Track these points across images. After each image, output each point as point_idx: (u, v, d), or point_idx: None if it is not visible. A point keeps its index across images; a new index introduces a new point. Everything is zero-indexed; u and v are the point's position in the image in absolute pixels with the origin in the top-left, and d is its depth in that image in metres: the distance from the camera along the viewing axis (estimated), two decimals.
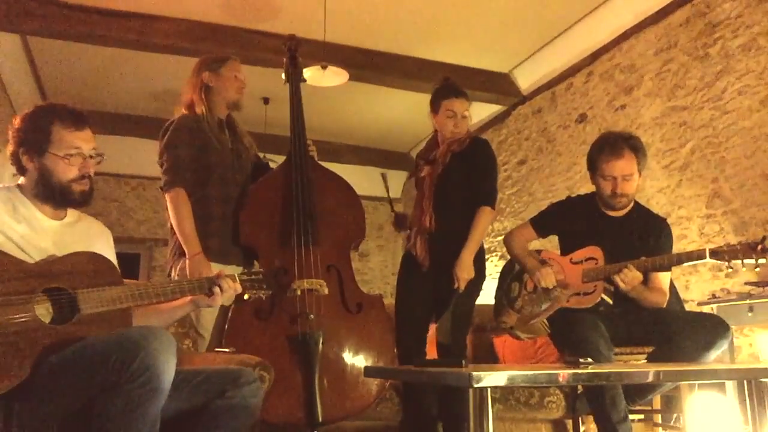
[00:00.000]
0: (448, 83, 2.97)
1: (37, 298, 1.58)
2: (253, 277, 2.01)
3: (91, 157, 1.80)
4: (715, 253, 2.30)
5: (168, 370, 1.45)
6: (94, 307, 1.64)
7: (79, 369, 1.48)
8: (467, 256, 2.68)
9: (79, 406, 1.50)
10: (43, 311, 1.60)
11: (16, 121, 1.78)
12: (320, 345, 2.43)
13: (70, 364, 1.50)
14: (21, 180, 1.81)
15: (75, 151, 1.76)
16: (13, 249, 1.64)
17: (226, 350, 2.31)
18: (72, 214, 1.87)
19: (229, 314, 2.49)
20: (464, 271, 2.67)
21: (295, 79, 2.92)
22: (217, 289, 1.86)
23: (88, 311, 1.63)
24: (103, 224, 2.00)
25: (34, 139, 1.75)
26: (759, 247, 2.23)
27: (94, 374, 1.45)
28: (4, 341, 1.49)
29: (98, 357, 1.46)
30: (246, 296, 1.98)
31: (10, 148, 1.79)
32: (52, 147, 1.74)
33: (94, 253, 1.74)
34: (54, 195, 1.77)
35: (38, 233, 1.73)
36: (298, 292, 2.47)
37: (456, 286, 2.66)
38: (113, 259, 1.91)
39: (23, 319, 1.54)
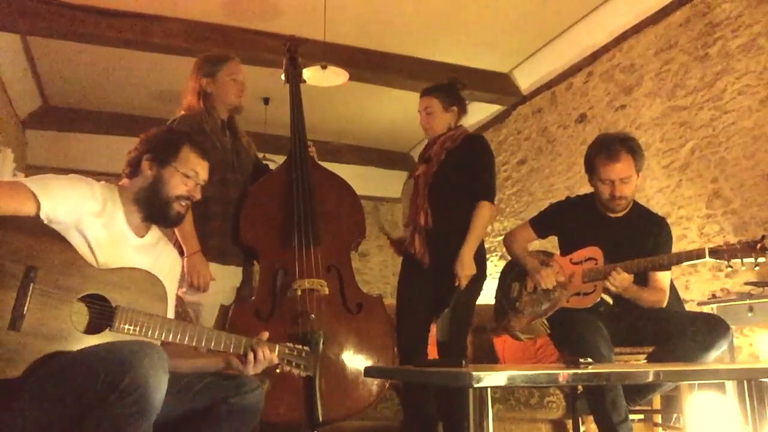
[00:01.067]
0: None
1: (80, 300, 1.58)
2: (294, 353, 1.90)
3: (200, 186, 1.90)
4: (715, 252, 2.30)
5: (159, 388, 1.42)
6: (127, 326, 1.62)
7: (67, 384, 1.44)
8: (467, 253, 2.67)
9: (64, 422, 1.46)
10: (81, 315, 1.59)
11: (152, 130, 1.90)
12: (321, 345, 2.43)
13: (58, 379, 1.46)
14: (124, 181, 1.84)
15: (192, 174, 1.86)
16: (83, 248, 1.65)
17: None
18: (153, 234, 1.88)
19: (230, 314, 2.49)
20: (465, 268, 2.65)
21: (294, 80, 2.92)
22: (251, 356, 1.78)
23: (119, 328, 1.61)
24: (177, 253, 2.03)
25: (164, 149, 1.84)
26: (758, 245, 2.23)
27: (84, 391, 1.42)
28: (29, 327, 1.48)
29: (87, 373, 1.42)
30: (278, 370, 1.88)
31: (133, 151, 1.86)
32: (176, 162, 1.84)
33: (151, 274, 1.73)
34: (154, 205, 1.81)
35: (114, 243, 1.73)
36: (299, 292, 2.47)
37: (457, 283, 2.65)
38: (173, 288, 1.92)
39: (57, 315, 1.53)
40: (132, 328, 1.62)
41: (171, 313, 1.83)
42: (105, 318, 1.60)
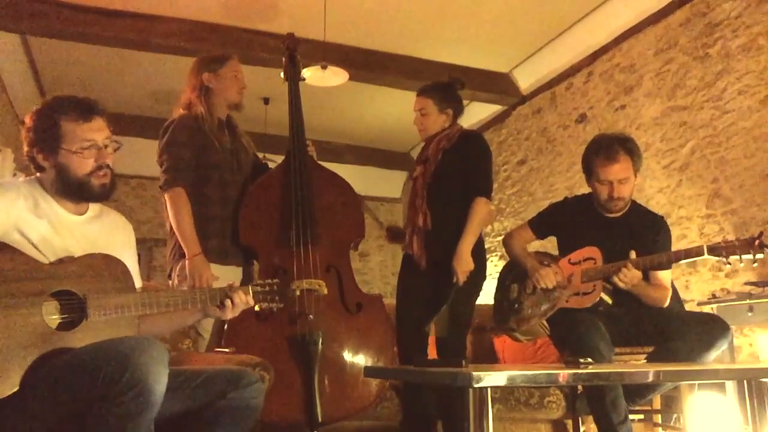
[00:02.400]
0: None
1: (46, 300, 1.56)
2: (266, 288, 1.96)
3: (105, 146, 1.75)
4: (713, 249, 2.30)
5: (159, 383, 1.42)
6: (103, 313, 1.61)
7: (68, 382, 1.45)
8: (465, 249, 2.65)
9: (68, 419, 1.47)
10: (53, 314, 1.58)
11: (27, 121, 1.75)
12: (320, 345, 2.43)
13: (60, 377, 1.46)
14: (39, 175, 1.78)
15: (88, 144, 1.71)
16: (29, 249, 1.62)
17: (226, 350, 2.31)
18: (94, 207, 1.84)
19: None
20: (462, 264, 2.64)
21: (293, 78, 2.91)
22: (228, 302, 1.83)
23: (96, 317, 1.61)
24: (124, 217, 1.97)
25: (45, 137, 1.71)
26: (756, 242, 2.23)
27: (84, 388, 1.42)
28: (3, 345, 1.47)
29: (88, 370, 1.43)
30: (257, 308, 1.94)
31: (24, 148, 1.77)
32: (64, 143, 1.70)
33: (109, 256, 1.72)
34: (73, 191, 1.74)
35: (59, 231, 1.71)
36: (298, 293, 2.47)
37: (455, 280, 2.64)
38: (133, 253, 1.90)
39: (29, 323, 1.52)
40: (107, 312, 1.62)
41: (138, 282, 1.83)
42: (79, 310, 1.59)
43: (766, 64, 3.82)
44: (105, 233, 1.82)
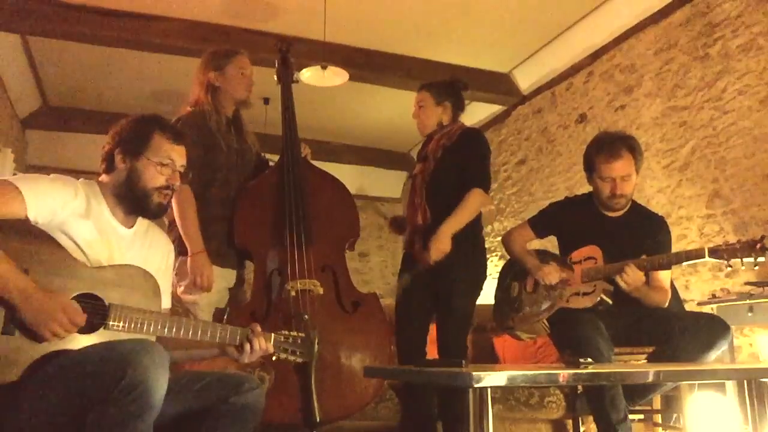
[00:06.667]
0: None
1: (71, 300, 1.56)
2: (290, 340, 1.92)
3: (180, 173, 1.83)
4: (714, 252, 2.30)
5: (159, 385, 1.42)
6: (122, 324, 1.61)
7: (67, 383, 1.45)
8: (445, 230, 2.62)
9: (68, 421, 1.46)
10: None
11: (120, 123, 1.82)
12: (316, 345, 2.42)
13: (59, 378, 1.46)
14: (103, 177, 1.81)
15: (168, 161, 1.79)
16: (74, 249, 1.64)
17: None
18: (142, 222, 1.86)
19: (225, 317, 2.48)
20: (438, 244, 2.60)
21: (286, 80, 2.91)
22: (247, 347, 1.79)
23: (114, 328, 1.60)
24: (168, 238, 1.99)
25: (134, 141, 1.78)
26: (758, 245, 2.22)
27: (83, 390, 1.42)
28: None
29: (88, 372, 1.43)
30: (274, 358, 1.89)
31: (106, 146, 1.81)
32: (148, 152, 1.78)
33: (144, 270, 1.73)
34: (133, 199, 1.77)
35: (104, 237, 1.72)
36: (293, 293, 2.46)
37: (430, 258, 2.60)
38: (169, 275, 1.91)
39: None
40: (126, 324, 1.61)
41: (167, 303, 1.83)
42: (99, 316, 1.59)
43: (766, 64, 3.82)
44: (145, 250, 1.83)
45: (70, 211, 1.67)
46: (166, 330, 1.67)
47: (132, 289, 1.67)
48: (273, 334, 1.88)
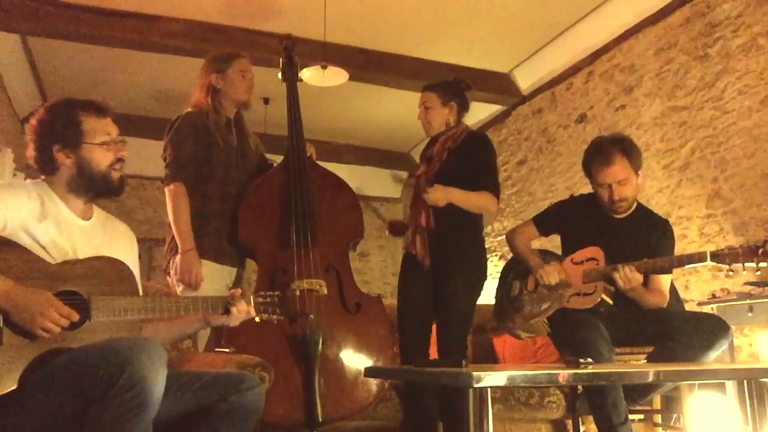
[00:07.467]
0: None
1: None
2: (268, 300, 1.96)
3: (122, 140, 1.82)
4: (716, 256, 2.28)
5: (157, 383, 1.42)
6: (105, 315, 1.62)
7: (66, 382, 1.45)
8: (450, 190, 2.68)
9: (66, 420, 1.47)
10: None
11: (37, 120, 1.76)
12: (320, 345, 2.43)
13: (58, 377, 1.46)
14: (47, 177, 1.78)
15: (108, 137, 1.78)
16: (37, 249, 1.64)
17: (226, 350, 2.31)
18: (99, 214, 1.87)
19: None
20: (437, 191, 2.67)
21: (291, 78, 2.92)
22: (234, 309, 1.84)
23: (98, 319, 1.61)
24: (128, 227, 1.99)
25: (66, 132, 1.74)
26: (760, 251, 2.20)
27: (82, 388, 1.42)
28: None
29: (86, 370, 1.42)
30: (257, 319, 1.93)
31: (32, 149, 1.76)
32: (86, 137, 1.75)
33: (114, 259, 1.74)
34: (93, 186, 1.76)
35: (65, 233, 1.72)
36: (297, 293, 2.47)
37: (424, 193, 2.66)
38: (135, 262, 1.91)
39: None
40: (109, 314, 1.62)
41: (140, 286, 1.84)
42: (81, 311, 1.59)
43: (766, 64, 3.82)
44: (108, 240, 1.84)
45: (27, 213, 1.67)
46: (150, 313, 1.70)
47: (107, 279, 1.68)
48: (251, 296, 1.92)
